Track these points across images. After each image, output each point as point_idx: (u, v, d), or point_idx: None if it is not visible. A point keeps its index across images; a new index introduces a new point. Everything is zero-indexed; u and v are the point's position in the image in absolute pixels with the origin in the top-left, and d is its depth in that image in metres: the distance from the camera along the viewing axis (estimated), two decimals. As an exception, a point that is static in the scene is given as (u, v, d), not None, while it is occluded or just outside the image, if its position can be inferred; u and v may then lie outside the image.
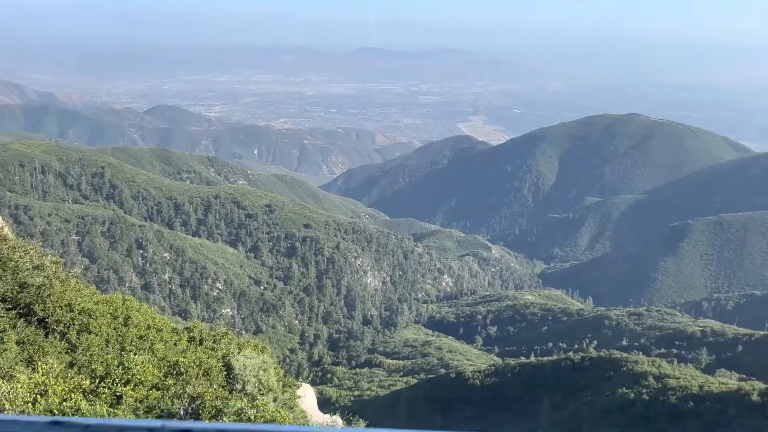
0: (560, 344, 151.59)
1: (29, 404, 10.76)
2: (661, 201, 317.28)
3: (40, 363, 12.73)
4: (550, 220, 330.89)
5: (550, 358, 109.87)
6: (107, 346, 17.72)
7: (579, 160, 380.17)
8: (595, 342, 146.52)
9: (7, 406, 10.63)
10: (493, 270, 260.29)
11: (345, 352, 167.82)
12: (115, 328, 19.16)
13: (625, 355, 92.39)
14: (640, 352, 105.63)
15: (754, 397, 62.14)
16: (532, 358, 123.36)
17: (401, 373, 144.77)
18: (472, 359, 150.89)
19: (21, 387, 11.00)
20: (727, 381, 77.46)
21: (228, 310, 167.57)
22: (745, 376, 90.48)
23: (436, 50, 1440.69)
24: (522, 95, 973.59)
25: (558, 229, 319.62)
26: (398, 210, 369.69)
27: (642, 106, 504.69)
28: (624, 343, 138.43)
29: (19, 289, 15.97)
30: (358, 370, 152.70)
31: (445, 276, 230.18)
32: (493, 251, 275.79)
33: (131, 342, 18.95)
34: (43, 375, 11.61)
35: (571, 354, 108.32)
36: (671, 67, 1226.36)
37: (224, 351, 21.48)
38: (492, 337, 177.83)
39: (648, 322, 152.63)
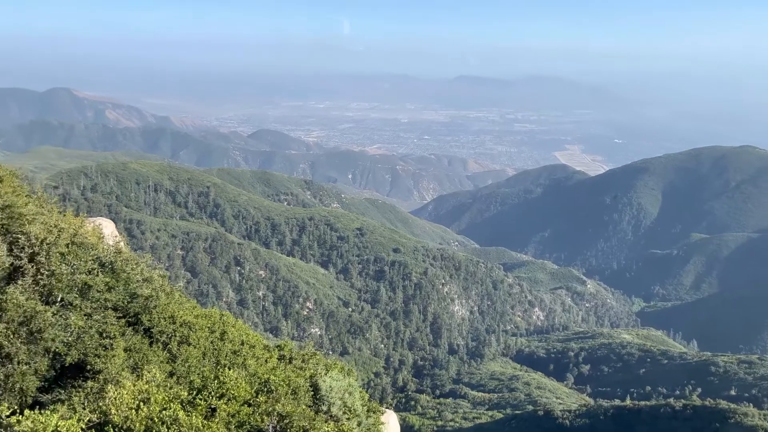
0: (659, 389, 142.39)
1: (133, 410, 11.46)
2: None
3: (144, 371, 13.54)
4: (651, 256, 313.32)
5: (647, 402, 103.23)
6: (204, 359, 18.55)
7: (685, 193, 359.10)
8: (699, 389, 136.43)
9: (113, 411, 11.37)
10: (587, 305, 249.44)
11: (429, 380, 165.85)
12: (212, 342, 20.04)
13: (733, 405, 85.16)
14: (751, 404, 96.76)
15: None
16: (628, 401, 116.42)
17: (486, 407, 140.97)
18: (562, 398, 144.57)
19: (127, 393, 11.74)
20: None
21: (317, 329, 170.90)
22: None
23: (533, 78, 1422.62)
24: (623, 124, 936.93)
25: (660, 266, 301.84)
26: (489, 238, 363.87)
27: (756, 139, 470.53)
28: (732, 392, 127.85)
29: (129, 300, 17.12)
30: (442, 399, 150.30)
31: (536, 309, 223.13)
32: (588, 286, 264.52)
33: (226, 356, 19.72)
34: (146, 383, 12.34)
35: (671, 400, 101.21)
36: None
37: (312, 371, 21.84)
38: (584, 375, 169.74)
39: (761, 372, 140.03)
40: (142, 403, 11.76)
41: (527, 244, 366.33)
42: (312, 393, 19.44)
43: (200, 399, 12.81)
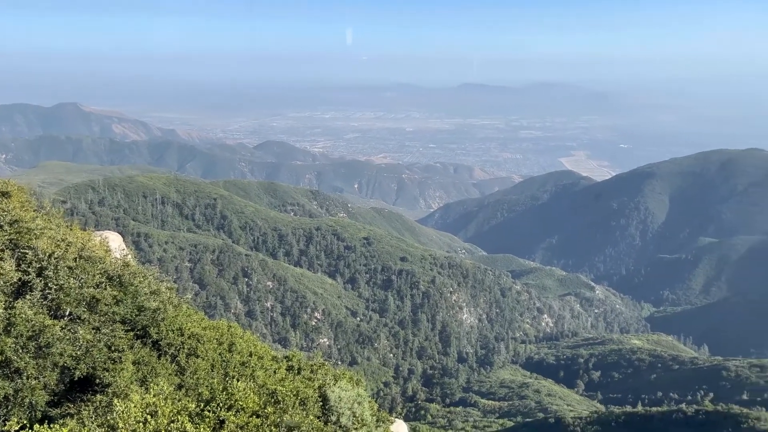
0: (671, 394, 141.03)
1: (140, 423, 11.46)
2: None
3: (152, 384, 13.56)
4: (660, 261, 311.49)
5: (659, 408, 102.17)
6: (212, 371, 18.57)
7: (692, 197, 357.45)
8: (711, 394, 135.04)
9: (120, 425, 11.38)
10: (596, 311, 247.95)
11: (439, 389, 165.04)
12: (220, 354, 20.07)
13: (746, 410, 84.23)
14: (764, 409, 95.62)
15: None
16: (639, 408, 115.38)
17: (497, 415, 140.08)
18: (573, 405, 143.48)
19: (134, 406, 11.75)
20: None
21: (325, 339, 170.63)
22: None
23: (539, 85, 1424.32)
24: (629, 129, 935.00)
25: (668, 271, 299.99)
26: (496, 245, 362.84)
27: (763, 141, 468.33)
28: (745, 397, 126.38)
29: (137, 312, 17.17)
30: (452, 408, 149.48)
31: (545, 315, 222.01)
32: (597, 291, 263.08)
33: (234, 368, 19.73)
34: (154, 396, 12.34)
35: (683, 406, 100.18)
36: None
37: (321, 381, 21.79)
38: (595, 382, 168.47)
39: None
40: (149, 416, 11.76)
41: (535, 251, 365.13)
42: (321, 403, 19.39)
43: (208, 411, 12.80)
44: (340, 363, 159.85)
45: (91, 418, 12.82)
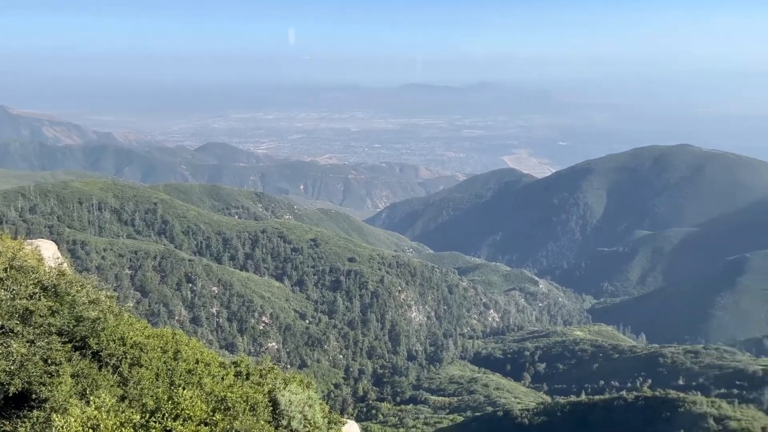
0: (612, 382, 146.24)
1: (82, 438, 11.00)
2: (716, 234, 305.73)
3: (93, 396, 13.02)
4: (599, 254, 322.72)
5: (602, 396, 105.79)
6: (157, 380, 18.00)
7: (628, 192, 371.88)
8: (650, 381, 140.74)
9: (61, 440, 10.88)
10: (540, 305, 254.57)
11: (390, 387, 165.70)
12: (165, 362, 19.46)
13: (682, 395, 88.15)
14: (698, 392, 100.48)
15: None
16: (583, 397, 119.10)
17: (447, 411, 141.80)
18: (520, 397, 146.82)
19: (74, 421, 11.26)
20: (794, 424, 72.70)
21: (274, 343, 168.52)
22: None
23: (480, 84, 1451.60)
24: (568, 127, 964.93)
25: (607, 264, 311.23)
26: (442, 243, 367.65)
27: (692, 138, 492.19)
28: (680, 382, 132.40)
29: (75, 323, 16.46)
30: (403, 406, 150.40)
31: (491, 311, 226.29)
32: (541, 286, 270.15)
33: (180, 376, 19.19)
34: (95, 409, 11.86)
35: (624, 393, 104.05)
36: (720, 97, 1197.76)
37: (270, 386, 21.49)
38: (540, 374, 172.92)
39: (706, 361, 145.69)
40: (91, 430, 11.30)
41: (480, 248, 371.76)
42: (271, 408, 19.14)
43: (154, 422, 12.40)
44: (289, 366, 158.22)
45: (28, 435, 12.23)
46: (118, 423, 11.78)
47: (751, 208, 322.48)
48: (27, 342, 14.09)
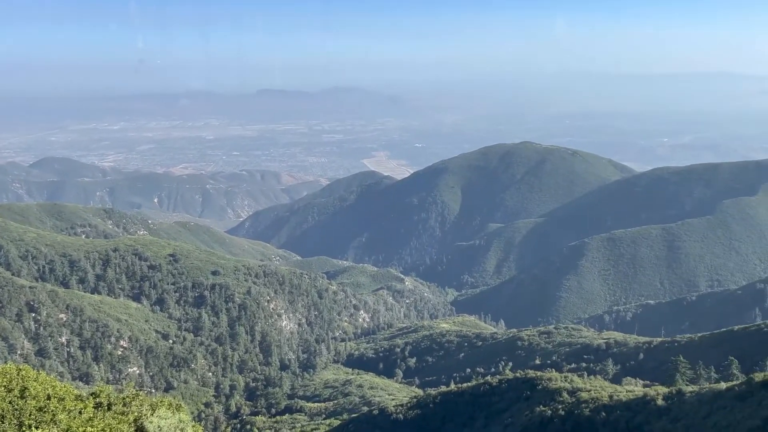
0: (477, 369, 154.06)
1: None
2: (558, 222, 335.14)
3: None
4: (458, 248, 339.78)
5: (469, 384, 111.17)
6: (3, 423, 16.16)
7: (480, 188, 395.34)
8: (511, 363, 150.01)
9: None
10: (407, 301, 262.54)
11: (264, 400, 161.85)
12: (10, 402, 17.51)
13: (539, 373, 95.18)
14: (553, 369, 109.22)
15: (659, 402, 65.72)
16: (452, 386, 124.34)
17: (324, 416, 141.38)
18: (394, 393, 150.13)
19: None
20: (633, 388, 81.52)
21: (135, 368, 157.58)
22: (648, 382, 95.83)
23: (334, 89, 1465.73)
24: (421, 129, 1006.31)
25: (466, 257, 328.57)
26: (309, 249, 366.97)
27: (533, 135, 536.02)
28: (537, 362, 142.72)
29: None
30: (278, 417, 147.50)
31: (362, 312, 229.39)
32: (407, 283, 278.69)
33: (30, 416, 17.36)
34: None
35: (489, 378, 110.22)
36: (555, 97, 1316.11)
37: (136, 414, 20.16)
38: (412, 368, 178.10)
39: (557, 340, 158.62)
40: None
41: (347, 251, 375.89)
42: (139, 437, 17.94)
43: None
44: (154, 391, 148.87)
45: None
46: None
47: (587, 197, 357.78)
48: None
